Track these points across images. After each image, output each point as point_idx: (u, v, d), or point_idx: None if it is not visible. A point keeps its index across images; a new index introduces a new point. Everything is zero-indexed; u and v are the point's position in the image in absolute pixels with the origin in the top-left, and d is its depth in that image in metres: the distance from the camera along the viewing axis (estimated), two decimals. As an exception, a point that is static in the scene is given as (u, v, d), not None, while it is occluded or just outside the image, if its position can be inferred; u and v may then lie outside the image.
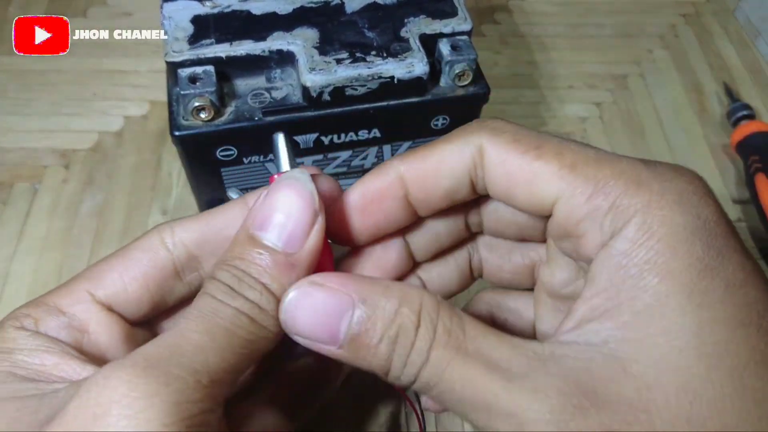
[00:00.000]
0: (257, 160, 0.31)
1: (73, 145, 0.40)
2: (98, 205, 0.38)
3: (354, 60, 0.28)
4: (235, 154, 0.30)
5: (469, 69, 0.30)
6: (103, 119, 0.42)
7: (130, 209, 0.38)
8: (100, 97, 0.42)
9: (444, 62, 0.30)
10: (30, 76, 0.43)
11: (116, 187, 0.38)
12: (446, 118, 0.32)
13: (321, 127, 0.30)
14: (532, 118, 0.44)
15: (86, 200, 0.38)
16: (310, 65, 0.28)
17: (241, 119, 0.29)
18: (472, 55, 0.30)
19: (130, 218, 0.37)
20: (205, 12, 0.30)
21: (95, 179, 0.39)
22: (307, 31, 0.30)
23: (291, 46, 0.29)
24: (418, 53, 0.29)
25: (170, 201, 0.38)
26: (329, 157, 0.32)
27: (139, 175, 0.39)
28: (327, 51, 0.29)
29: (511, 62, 0.47)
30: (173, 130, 0.28)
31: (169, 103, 0.29)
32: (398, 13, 0.31)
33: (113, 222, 0.37)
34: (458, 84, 0.30)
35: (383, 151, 0.33)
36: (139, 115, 0.42)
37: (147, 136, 0.41)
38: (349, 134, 0.31)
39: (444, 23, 0.30)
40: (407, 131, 0.32)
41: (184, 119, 0.28)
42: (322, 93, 0.28)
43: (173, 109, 0.28)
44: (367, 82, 0.28)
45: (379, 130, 0.31)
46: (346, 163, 0.33)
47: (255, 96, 0.29)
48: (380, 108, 0.30)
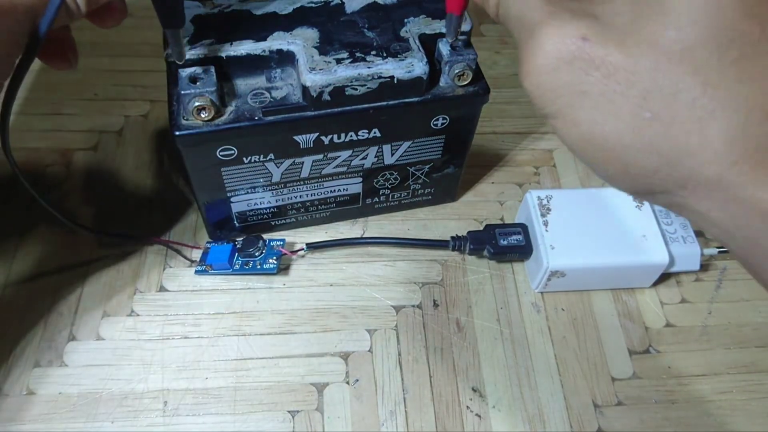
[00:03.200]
0: (257, 160, 0.31)
1: (73, 144, 0.40)
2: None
3: (354, 60, 0.28)
4: (235, 154, 0.30)
5: (469, 69, 0.30)
6: (103, 119, 0.42)
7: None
8: (100, 97, 0.43)
9: (444, 62, 0.30)
10: (30, 76, 0.43)
11: (116, 187, 0.39)
12: (446, 118, 0.32)
13: (321, 126, 0.30)
14: (532, 118, 0.44)
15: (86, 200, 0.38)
16: (310, 65, 0.28)
17: (241, 119, 0.29)
18: (472, 55, 0.30)
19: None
20: (206, 12, 0.30)
21: (95, 179, 0.39)
22: (307, 31, 0.30)
23: (291, 46, 0.29)
24: (417, 53, 0.29)
25: (171, 201, 0.38)
26: (329, 156, 0.32)
27: (140, 175, 0.39)
28: (327, 51, 0.29)
29: (511, 62, 0.47)
30: (174, 130, 0.28)
31: (170, 103, 0.29)
32: (398, 13, 0.31)
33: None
34: (458, 84, 0.30)
35: (383, 151, 0.33)
36: (139, 115, 0.42)
37: (147, 136, 0.41)
38: (349, 134, 0.31)
39: (443, 23, 0.30)
40: (407, 131, 0.32)
41: (184, 119, 0.28)
42: (322, 93, 0.28)
43: (174, 108, 0.28)
44: (367, 81, 0.28)
45: (378, 129, 0.31)
46: (345, 163, 0.33)
47: (255, 96, 0.29)
48: (380, 108, 0.30)
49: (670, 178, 0.18)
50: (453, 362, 0.33)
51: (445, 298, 0.35)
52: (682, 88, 0.17)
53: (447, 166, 0.36)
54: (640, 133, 0.18)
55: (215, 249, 0.35)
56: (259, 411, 0.31)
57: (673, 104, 0.17)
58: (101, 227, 0.37)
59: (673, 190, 0.18)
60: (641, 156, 0.18)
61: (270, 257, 0.35)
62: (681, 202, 0.19)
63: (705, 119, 0.17)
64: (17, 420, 0.30)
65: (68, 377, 0.31)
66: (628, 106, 0.18)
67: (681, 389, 0.33)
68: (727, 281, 0.37)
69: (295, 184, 0.33)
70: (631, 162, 0.18)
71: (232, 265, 0.34)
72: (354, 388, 0.32)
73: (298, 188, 0.34)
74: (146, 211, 0.38)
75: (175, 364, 0.32)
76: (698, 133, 0.17)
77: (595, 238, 0.34)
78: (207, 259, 0.35)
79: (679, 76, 0.17)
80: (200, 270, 0.35)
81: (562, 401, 0.32)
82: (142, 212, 0.37)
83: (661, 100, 0.17)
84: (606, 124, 0.18)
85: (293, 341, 0.33)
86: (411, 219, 0.38)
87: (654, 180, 0.18)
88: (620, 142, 0.18)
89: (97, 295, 0.34)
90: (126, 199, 0.38)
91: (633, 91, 0.18)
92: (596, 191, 0.36)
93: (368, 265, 0.36)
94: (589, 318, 0.35)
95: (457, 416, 0.31)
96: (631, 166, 0.19)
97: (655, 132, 0.18)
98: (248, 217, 0.35)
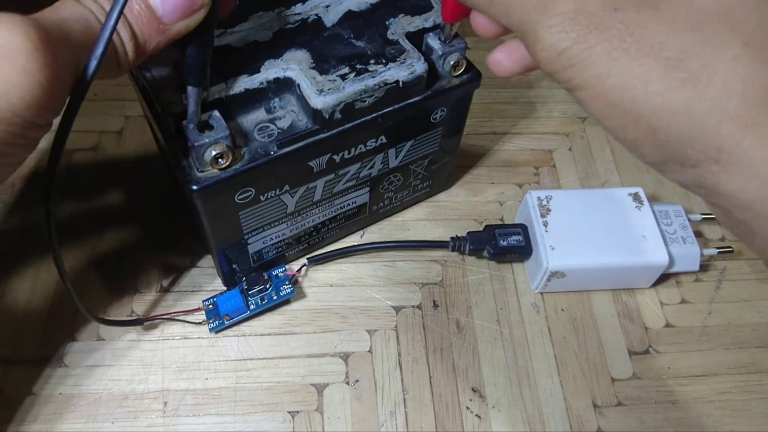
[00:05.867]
0: (273, 195, 0.30)
1: (73, 145, 0.40)
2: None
3: (357, 73, 0.28)
4: (252, 194, 0.29)
5: (463, 58, 0.30)
6: (103, 119, 0.42)
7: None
8: (100, 97, 0.43)
9: (437, 55, 0.30)
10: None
11: (116, 187, 0.39)
12: (444, 110, 0.32)
13: (334, 146, 0.29)
14: (532, 119, 0.44)
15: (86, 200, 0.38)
16: (317, 87, 0.27)
17: (257, 157, 0.27)
18: (462, 44, 0.30)
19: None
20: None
21: (95, 179, 0.39)
22: (297, 53, 0.29)
23: (287, 72, 0.28)
24: (413, 53, 0.29)
25: (171, 201, 0.38)
26: (339, 174, 0.31)
27: (140, 175, 0.39)
28: (326, 69, 0.28)
29: (511, 62, 0.47)
30: (191, 185, 0.26)
31: (174, 159, 0.27)
32: (376, 16, 0.30)
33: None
34: (453, 74, 0.30)
35: (388, 155, 0.33)
36: (139, 115, 0.42)
37: (147, 136, 0.41)
38: (358, 147, 0.31)
39: (424, 18, 0.30)
40: (411, 130, 0.32)
41: (199, 171, 0.26)
42: (333, 112, 0.28)
43: (183, 163, 0.27)
44: (374, 91, 0.28)
45: (385, 136, 0.31)
46: (354, 176, 0.32)
47: (261, 130, 0.28)
48: (387, 113, 0.29)
49: (701, 147, 0.17)
50: (453, 363, 0.33)
51: (444, 299, 0.35)
52: (722, 46, 0.16)
53: (444, 156, 0.36)
54: (672, 95, 0.17)
55: (223, 299, 0.33)
56: (259, 411, 0.31)
57: (712, 64, 0.17)
58: (99, 232, 0.37)
59: (703, 163, 0.17)
60: (672, 120, 0.17)
61: (281, 284, 0.34)
62: (711, 181, 0.18)
63: (747, 80, 0.16)
64: (17, 420, 0.30)
65: (68, 378, 0.31)
66: (662, 69, 0.17)
67: (681, 390, 0.33)
68: (726, 282, 0.37)
69: (309, 209, 0.32)
70: (660, 126, 0.18)
71: (248, 307, 0.33)
72: (354, 389, 0.32)
73: (311, 212, 0.33)
74: (147, 217, 0.38)
75: (175, 364, 0.32)
76: (739, 95, 0.16)
77: (594, 239, 0.34)
78: (220, 311, 0.33)
79: (719, 36, 0.17)
80: (217, 325, 0.33)
81: (562, 402, 0.32)
82: (141, 222, 0.37)
83: (698, 60, 0.17)
84: (636, 88, 0.18)
85: (293, 342, 0.33)
86: (411, 220, 0.38)
87: (685, 149, 0.18)
88: (650, 105, 0.17)
89: (98, 295, 0.34)
90: (126, 202, 0.38)
91: (668, 53, 0.17)
92: (596, 191, 0.36)
93: (368, 266, 0.36)
94: (589, 318, 0.35)
95: (457, 417, 0.31)
96: (660, 131, 0.18)
97: (690, 94, 0.17)
98: (264, 254, 0.34)
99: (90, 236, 0.36)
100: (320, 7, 0.30)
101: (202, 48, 0.24)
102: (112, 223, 0.37)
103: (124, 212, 0.37)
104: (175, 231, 0.37)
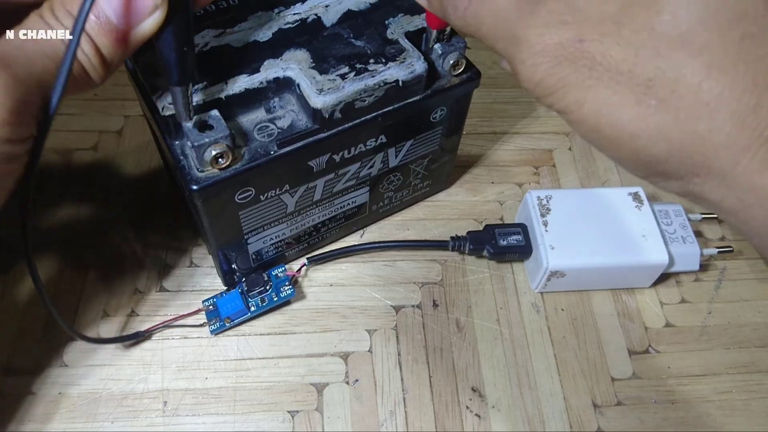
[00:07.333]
0: (273, 194, 0.30)
1: (73, 144, 0.40)
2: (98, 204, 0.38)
3: (357, 72, 0.28)
4: (252, 194, 0.29)
5: (463, 57, 0.30)
6: (103, 119, 0.42)
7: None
8: (100, 97, 0.43)
9: (437, 55, 0.30)
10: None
11: (116, 187, 0.39)
12: (443, 109, 0.32)
13: (334, 146, 0.29)
14: (532, 119, 0.44)
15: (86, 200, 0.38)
16: (316, 87, 0.27)
17: (257, 156, 0.27)
18: (461, 42, 0.30)
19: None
20: None
21: (95, 179, 0.39)
22: (297, 52, 0.29)
23: (287, 71, 0.28)
24: (413, 52, 0.29)
25: (171, 201, 0.38)
26: (339, 173, 0.31)
27: (140, 175, 0.39)
28: (326, 69, 0.28)
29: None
30: (191, 185, 0.26)
31: (174, 159, 0.27)
32: (376, 16, 0.30)
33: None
34: (453, 73, 0.31)
35: (388, 155, 0.33)
36: (139, 115, 0.42)
37: (147, 136, 0.41)
38: (358, 146, 0.31)
39: (423, 17, 0.30)
40: (410, 130, 0.32)
41: (199, 171, 0.26)
42: (333, 112, 0.28)
43: (182, 163, 0.27)
44: (374, 91, 0.28)
45: (385, 135, 0.31)
46: (354, 176, 0.32)
47: (261, 130, 0.28)
48: (386, 113, 0.29)
49: (682, 165, 0.18)
50: (453, 362, 0.33)
51: (444, 299, 0.35)
52: (685, 72, 0.17)
53: (444, 155, 0.36)
54: (646, 121, 0.18)
55: (223, 301, 0.33)
56: (259, 411, 0.31)
57: (678, 90, 0.17)
58: (96, 234, 0.37)
59: (686, 177, 0.18)
60: (650, 143, 0.18)
61: (281, 285, 0.34)
62: (695, 190, 0.18)
63: (712, 103, 0.17)
64: (17, 420, 0.30)
65: (68, 377, 0.31)
66: (633, 96, 0.18)
67: (680, 389, 0.33)
68: (726, 281, 0.37)
69: (309, 209, 0.32)
70: (640, 149, 0.18)
71: (249, 309, 0.33)
72: (354, 388, 0.32)
73: (311, 212, 0.33)
74: (147, 217, 0.38)
75: (174, 364, 0.32)
76: (707, 118, 0.17)
77: (594, 239, 0.34)
78: (220, 313, 0.33)
79: (681, 61, 0.17)
80: (219, 327, 0.33)
81: (562, 401, 0.32)
82: (141, 222, 0.38)
83: (665, 87, 0.17)
84: (612, 114, 0.18)
85: (293, 341, 0.33)
86: (410, 219, 0.38)
87: (666, 167, 0.18)
88: (628, 130, 0.18)
89: (97, 295, 0.34)
90: (125, 201, 0.38)
91: (637, 81, 0.18)
92: (596, 191, 0.36)
93: (368, 265, 0.36)
94: (589, 318, 0.35)
95: (457, 416, 0.31)
96: (641, 154, 0.18)
97: (663, 119, 0.17)
98: (264, 254, 0.34)
99: (90, 236, 0.36)
100: (320, 7, 0.30)
101: (176, 47, 0.24)
102: (112, 223, 0.37)
103: (123, 212, 0.37)
104: (174, 231, 0.37)
